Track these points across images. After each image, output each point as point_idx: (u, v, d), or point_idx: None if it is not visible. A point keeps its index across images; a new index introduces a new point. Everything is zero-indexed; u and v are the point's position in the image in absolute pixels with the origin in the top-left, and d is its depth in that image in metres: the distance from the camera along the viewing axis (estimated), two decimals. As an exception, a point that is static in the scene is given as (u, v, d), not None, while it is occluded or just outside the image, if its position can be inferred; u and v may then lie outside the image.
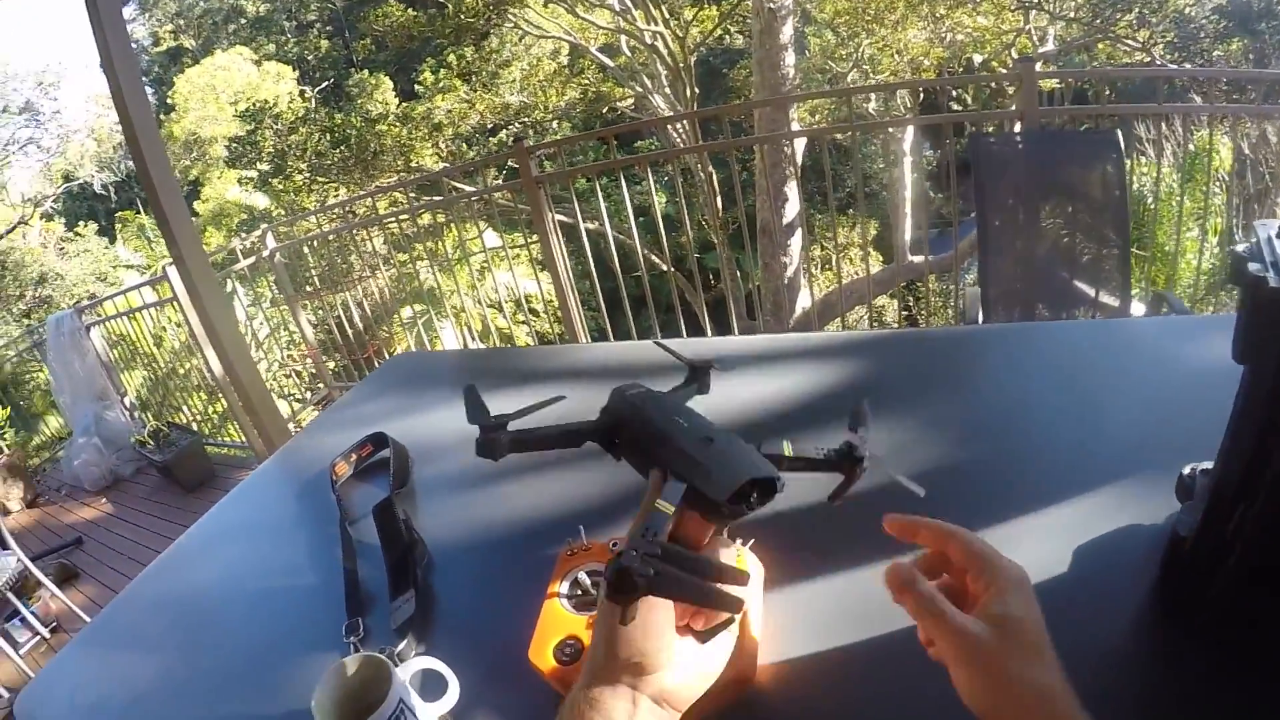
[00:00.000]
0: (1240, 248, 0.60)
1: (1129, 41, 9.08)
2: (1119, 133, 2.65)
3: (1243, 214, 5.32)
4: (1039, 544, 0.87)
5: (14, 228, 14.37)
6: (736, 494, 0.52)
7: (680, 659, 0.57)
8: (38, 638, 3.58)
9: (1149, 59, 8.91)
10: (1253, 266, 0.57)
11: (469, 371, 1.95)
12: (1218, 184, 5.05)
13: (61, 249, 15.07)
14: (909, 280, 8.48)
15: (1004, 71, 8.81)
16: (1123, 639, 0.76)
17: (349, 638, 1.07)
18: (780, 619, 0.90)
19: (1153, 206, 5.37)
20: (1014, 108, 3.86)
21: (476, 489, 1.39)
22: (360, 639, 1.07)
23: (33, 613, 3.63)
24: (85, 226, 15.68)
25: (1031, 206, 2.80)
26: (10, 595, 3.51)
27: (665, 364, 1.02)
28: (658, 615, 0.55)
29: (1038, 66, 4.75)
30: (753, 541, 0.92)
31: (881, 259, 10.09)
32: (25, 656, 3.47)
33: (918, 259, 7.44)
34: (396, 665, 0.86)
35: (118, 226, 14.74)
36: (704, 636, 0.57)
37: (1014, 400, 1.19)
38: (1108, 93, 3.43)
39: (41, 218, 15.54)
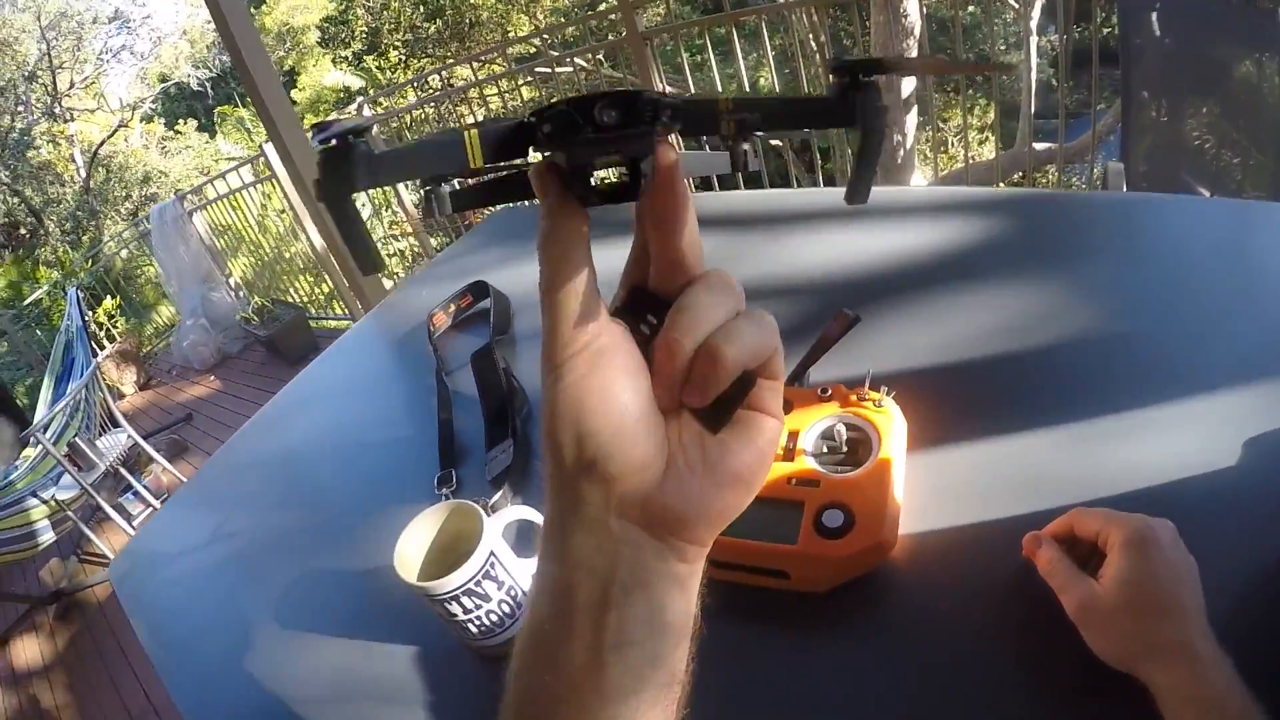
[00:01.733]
0: None
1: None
2: (1281, 13, 2.33)
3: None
4: (1206, 431, 0.75)
5: (114, 132, 14.72)
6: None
7: (676, 454, 0.33)
8: (150, 509, 3.69)
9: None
10: None
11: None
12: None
13: (163, 148, 15.43)
14: (1027, 170, 7.95)
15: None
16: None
17: (441, 489, 1.01)
18: (925, 484, 0.78)
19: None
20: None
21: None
22: (453, 490, 1.01)
23: (145, 486, 3.73)
24: (185, 124, 16.00)
25: (1183, 86, 2.50)
26: (123, 470, 3.60)
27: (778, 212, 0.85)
28: (602, 374, 0.32)
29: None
30: (894, 392, 0.81)
31: (1001, 146, 9.44)
32: (138, 528, 3.59)
33: (1042, 146, 6.93)
34: (489, 515, 0.75)
35: (217, 121, 14.99)
36: (713, 418, 0.33)
37: (1177, 276, 0.98)
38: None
39: (141, 120, 15.88)
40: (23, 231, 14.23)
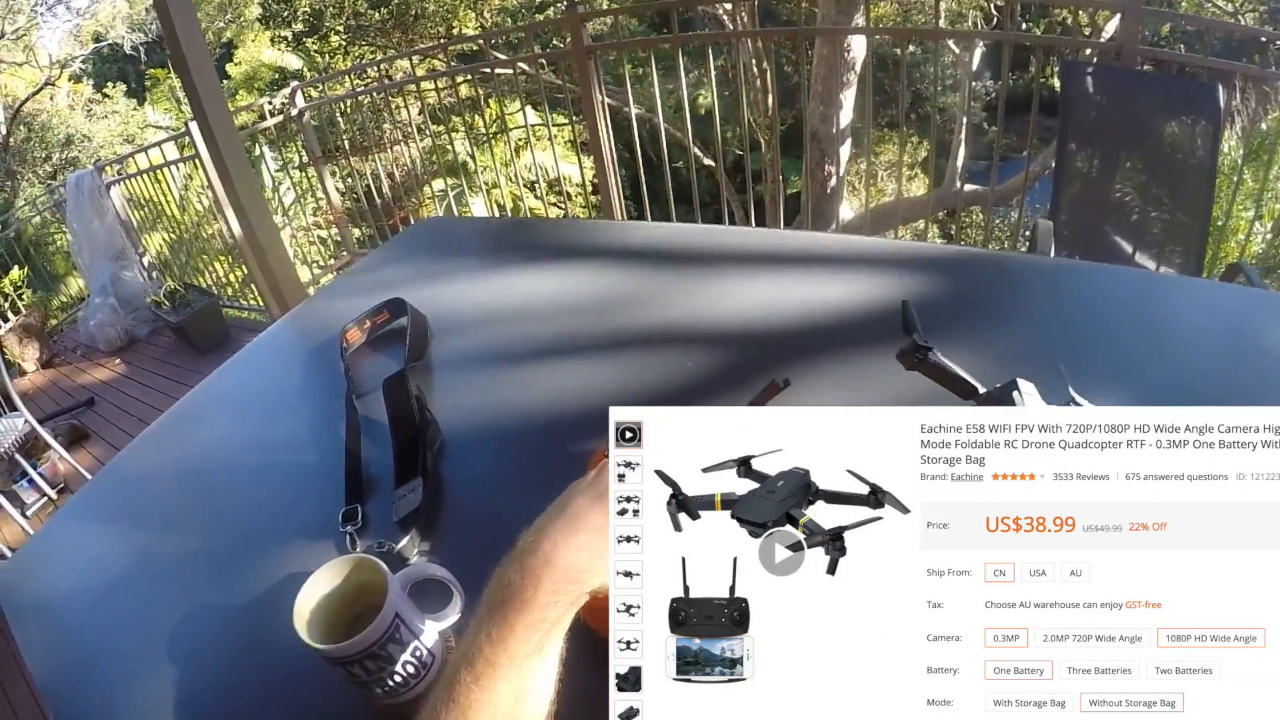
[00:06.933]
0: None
1: (1218, 3, 8.46)
2: (1220, 87, 2.38)
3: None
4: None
5: (40, 89, 14.02)
6: None
7: None
8: (44, 499, 3.52)
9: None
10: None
11: (499, 241, 1.77)
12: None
13: (89, 110, 14.79)
14: (951, 209, 8.19)
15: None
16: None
17: (346, 527, 0.95)
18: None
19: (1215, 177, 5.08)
20: (1113, 39, 3.51)
21: (502, 368, 1.23)
22: (358, 529, 0.95)
23: (40, 474, 3.56)
24: (114, 88, 15.38)
25: (1117, 148, 2.59)
26: (18, 456, 3.43)
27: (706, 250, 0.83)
28: None
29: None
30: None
31: (929, 183, 9.76)
32: (31, 518, 3.42)
33: (971, 187, 7.16)
34: (396, 568, 0.73)
35: (148, 86, 14.48)
36: None
37: (1092, 347, 1.01)
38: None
39: (70, 79, 15.22)
40: (-68, 181, 13.45)
